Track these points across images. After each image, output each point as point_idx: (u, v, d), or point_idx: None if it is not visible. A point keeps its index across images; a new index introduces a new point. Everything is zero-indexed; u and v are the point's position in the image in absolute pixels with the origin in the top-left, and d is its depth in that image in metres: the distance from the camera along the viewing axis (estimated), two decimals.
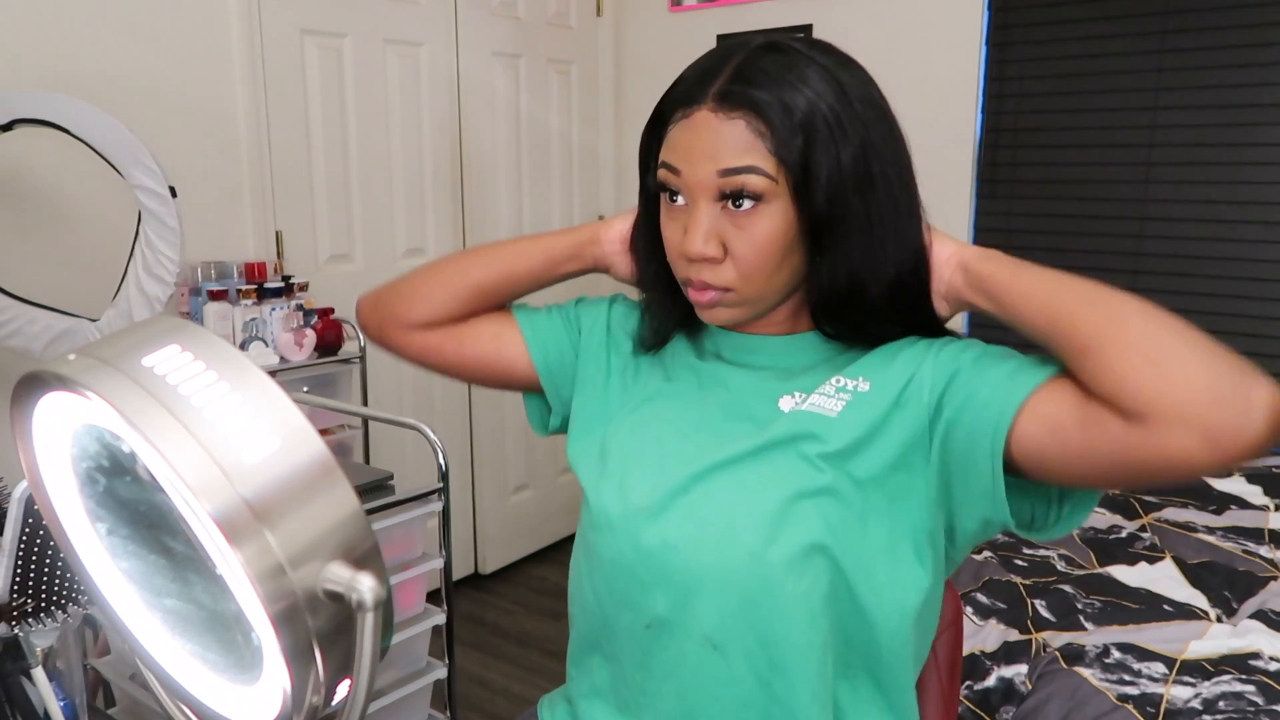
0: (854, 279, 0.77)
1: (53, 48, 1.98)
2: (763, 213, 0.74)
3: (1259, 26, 2.34)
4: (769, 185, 0.73)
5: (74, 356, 0.40)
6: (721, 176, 0.73)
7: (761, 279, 0.76)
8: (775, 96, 0.72)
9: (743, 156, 0.73)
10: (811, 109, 0.72)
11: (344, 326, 2.34)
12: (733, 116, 0.73)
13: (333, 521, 0.40)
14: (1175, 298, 2.54)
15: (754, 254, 0.75)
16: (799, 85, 0.73)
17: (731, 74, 0.74)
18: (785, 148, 0.72)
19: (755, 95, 0.72)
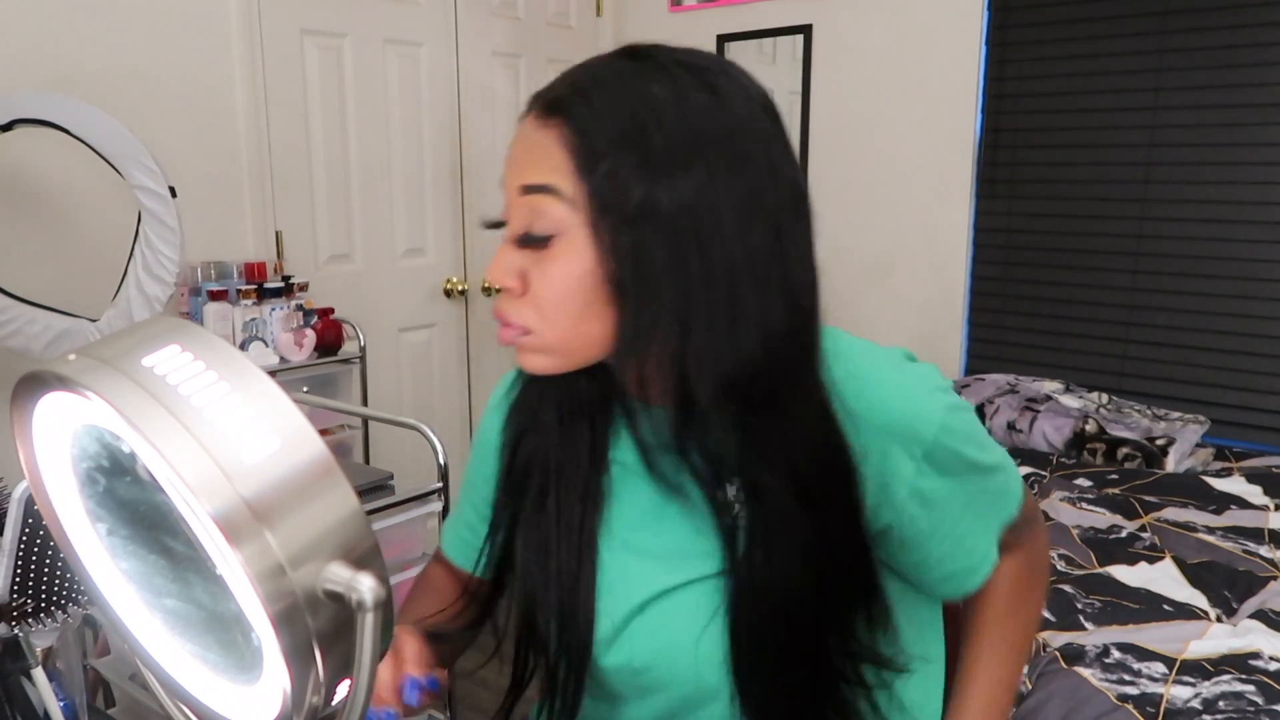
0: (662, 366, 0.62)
1: (53, 48, 1.98)
2: (562, 248, 0.61)
3: (1259, 26, 2.34)
4: (565, 213, 0.60)
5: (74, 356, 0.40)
6: (522, 194, 0.62)
7: (564, 325, 0.63)
8: (596, 106, 0.60)
9: (542, 172, 0.60)
10: (636, 124, 0.59)
11: (344, 326, 2.34)
12: (548, 125, 0.61)
13: (333, 521, 0.40)
14: (1175, 297, 2.54)
15: (550, 294, 0.62)
16: (632, 97, 0.60)
17: (568, 78, 0.63)
18: (592, 165, 0.59)
19: (573, 104, 0.60)
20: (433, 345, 2.89)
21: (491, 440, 0.82)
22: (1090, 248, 2.65)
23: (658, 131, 0.59)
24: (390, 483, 1.61)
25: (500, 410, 0.81)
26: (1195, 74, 2.44)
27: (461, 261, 2.93)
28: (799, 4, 2.95)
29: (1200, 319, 2.51)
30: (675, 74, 0.61)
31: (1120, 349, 2.64)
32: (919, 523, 0.68)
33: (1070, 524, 1.90)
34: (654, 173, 0.59)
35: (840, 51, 2.91)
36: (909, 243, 2.86)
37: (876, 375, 0.68)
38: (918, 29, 2.76)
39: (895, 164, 2.85)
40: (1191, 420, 2.36)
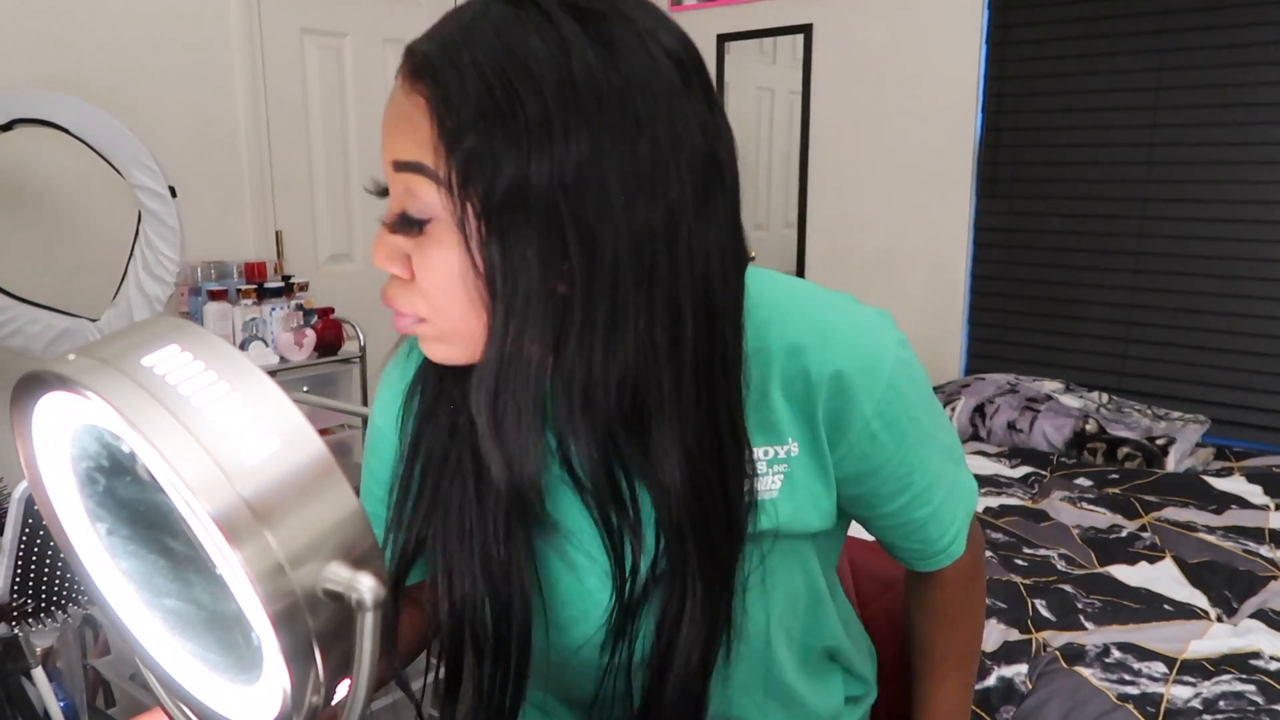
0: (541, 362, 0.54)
1: (53, 48, 1.98)
2: (436, 236, 0.53)
3: (1259, 26, 2.34)
4: (433, 195, 0.51)
5: (74, 356, 0.40)
6: (396, 172, 0.53)
7: (454, 316, 0.54)
8: (462, 70, 0.50)
9: (411, 147, 0.52)
10: (505, 90, 0.49)
11: (344, 326, 2.34)
12: (414, 89, 0.52)
13: (333, 521, 0.40)
14: (1175, 297, 2.54)
15: (433, 284, 0.54)
16: (504, 55, 0.49)
17: (439, 31, 0.53)
18: (454, 142, 0.50)
19: (439, 66, 0.50)
20: None
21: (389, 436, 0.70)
22: (1091, 247, 2.65)
23: (533, 97, 0.49)
24: None
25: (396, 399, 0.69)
26: (1195, 74, 2.44)
27: None
28: (799, 4, 2.95)
29: (1200, 319, 2.51)
30: (560, 23, 0.50)
31: (1121, 349, 2.64)
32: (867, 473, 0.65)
33: (1070, 524, 1.90)
34: (525, 148, 0.49)
35: (840, 51, 2.91)
36: (909, 242, 2.86)
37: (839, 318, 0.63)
38: (918, 29, 2.76)
39: (895, 163, 2.85)
40: (1192, 420, 2.36)
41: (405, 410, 0.67)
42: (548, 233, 0.50)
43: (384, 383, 0.73)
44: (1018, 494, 2.08)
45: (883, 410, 0.62)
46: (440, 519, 0.64)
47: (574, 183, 0.49)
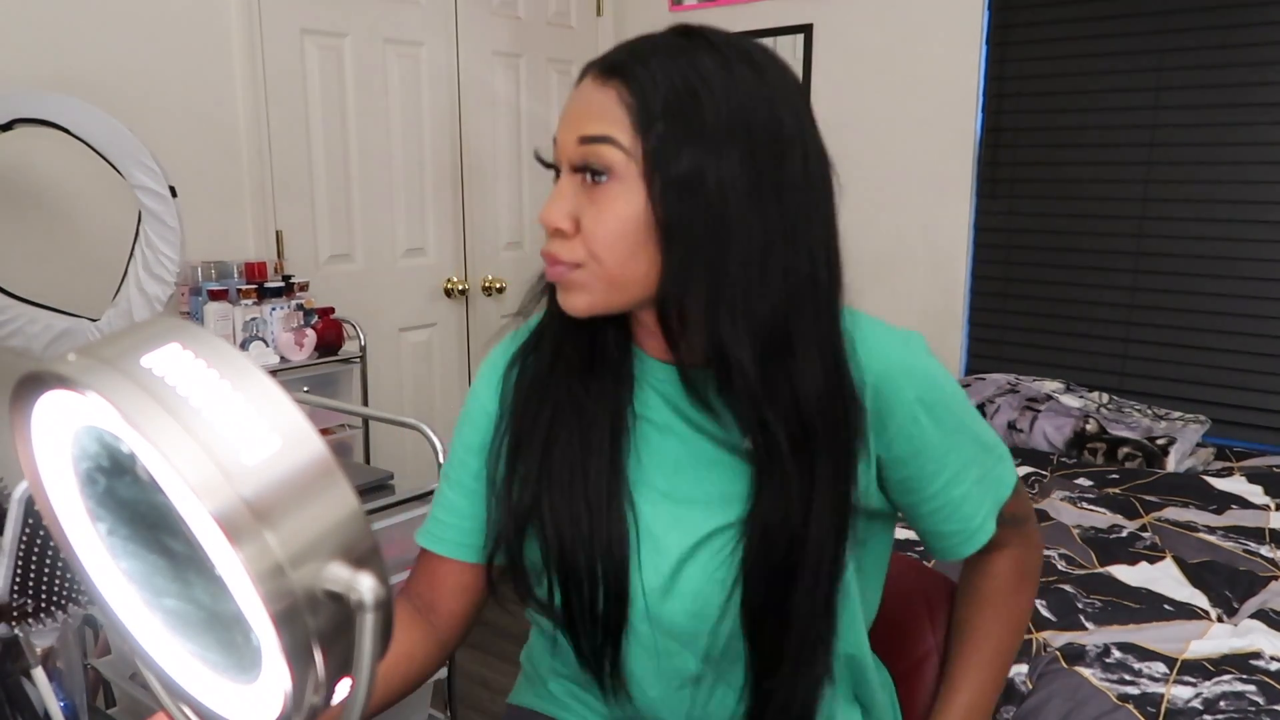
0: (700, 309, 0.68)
1: (53, 48, 1.98)
2: (616, 191, 0.67)
3: (1259, 26, 2.34)
4: (622, 160, 0.66)
5: (74, 356, 0.40)
6: (581, 144, 0.68)
7: (611, 261, 0.68)
8: (653, 71, 0.66)
9: (602, 125, 0.67)
10: (689, 92, 0.65)
11: (344, 326, 2.34)
12: (607, 85, 0.68)
13: (333, 521, 0.40)
14: (1175, 297, 2.54)
15: (601, 232, 0.68)
16: (686, 67, 0.66)
17: (626, 46, 0.70)
18: (648, 125, 0.66)
19: (632, 67, 0.67)
20: (433, 345, 2.89)
21: (487, 406, 0.83)
22: (1091, 247, 2.65)
23: (709, 100, 0.65)
24: (390, 482, 1.61)
25: (497, 371, 0.83)
26: (1195, 74, 2.44)
27: (462, 261, 2.93)
28: (799, 4, 2.95)
29: (1200, 319, 2.51)
30: (723, 50, 0.67)
31: (1121, 349, 2.64)
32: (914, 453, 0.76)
33: (1071, 524, 1.90)
34: (702, 145, 0.65)
35: (840, 51, 2.92)
36: (909, 243, 2.86)
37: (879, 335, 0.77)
38: (918, 28, 2.76)
39: (895, 163, 2.85)
40: (1192, 420, 2.36)
41: (505, 380, 0.81)
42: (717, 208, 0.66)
43: (488, 362, 0.86)
44: None
45: (923, 396, 0.75)
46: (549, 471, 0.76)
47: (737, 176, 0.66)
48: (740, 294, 0.67)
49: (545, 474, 0.77)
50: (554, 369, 0.78)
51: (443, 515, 0.85)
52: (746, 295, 0.67)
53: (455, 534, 0.84)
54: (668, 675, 0.80)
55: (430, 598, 0.86)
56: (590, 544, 0.75)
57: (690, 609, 0.76)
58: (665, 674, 0.80)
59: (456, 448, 0.85)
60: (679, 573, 0.76)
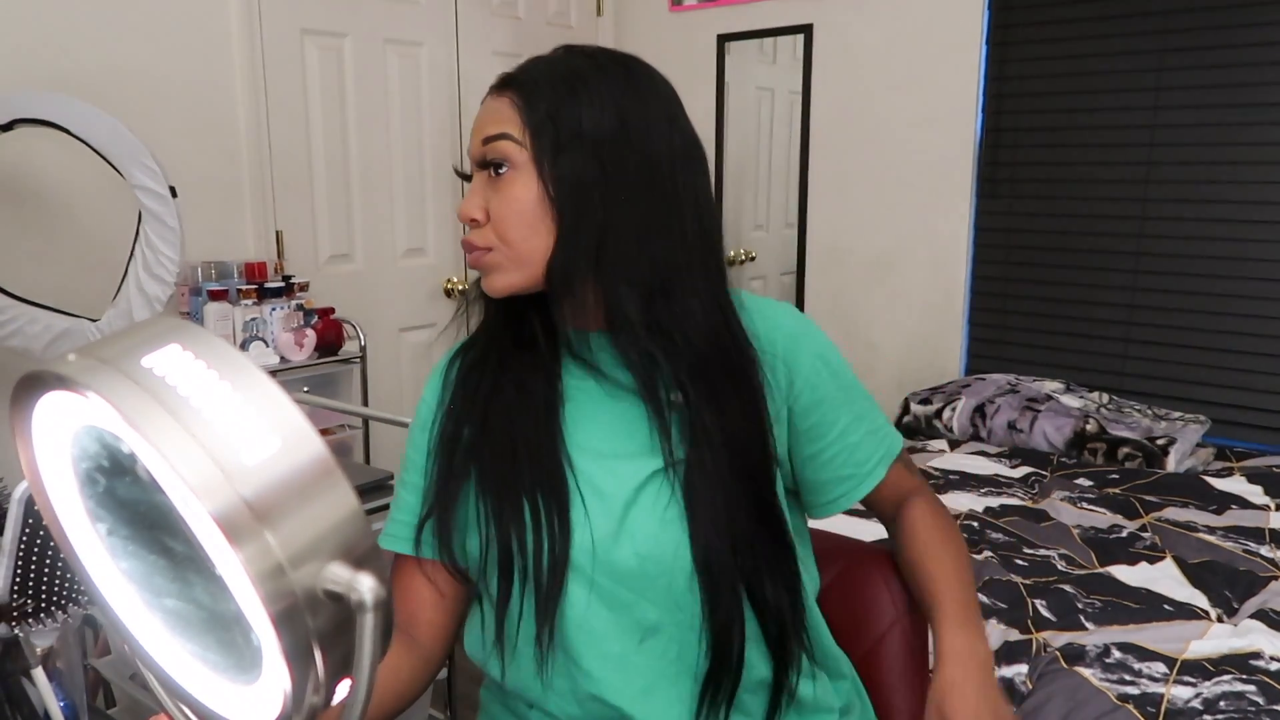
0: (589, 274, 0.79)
1: (53, 48, 1.98)
2: (513, 178, 0.78)
3: (1259, 26, 2.34)
4: (516, 150, 0.78)
5: (74, 356, 0.40)
6: (483, 144, 0.79)
7: (515, 239, 0.79)
8: (537, 77, 0.79)
9: (498, 125, 0.78)
10: (567, 89, 0.77)
11: (344, 326, 2.34)
12: (502, 94, 0.80)
13: (333, 521, 0.40)
14: (1175, 297, 2.54)
15: (504, 214, 0.79)
16: (565, 71, 0.79)
17: (522, 65, 0.81)
18: (534, 119, 0.77)
19: (519, 77, 0.79)
20: (433, 345, 2.89)
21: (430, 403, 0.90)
22: (1091, 247, 2.65)
23: (584, 94, 0.77)
24: (390, 483, 1.61)
25: (439, 373, 0.92)
26: (1195, 74, 2.44)
27: (462, 261, 2.93)
28: (799, 4, 2.95)
29: (1200, 319, 2.51)
30: (598, 58, 0.80)
31: (1121, 349, 2.64)
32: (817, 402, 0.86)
33: (1071, 524, 1.90)
34: (580, 133, 0.77)
35: (840, 51, 2.92)
36: (909, 243, 2.86)
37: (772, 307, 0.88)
38: (918, 29, 2.76)
39: (895, 164, 2.85)
40: (1192, 420, 2.36)
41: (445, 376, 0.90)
42: (597, 158, 0.77)
43: (434, 370, 0.93)
44: (1018, 494, 2.08)
45: (822, 354, 0.87)
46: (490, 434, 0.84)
47: (613, 126, 0.77)
48: (622, 257, 0.78)
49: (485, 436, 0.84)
50: (487, 353, 0.88)
51: (400, 516, 0.90)
52: (627, 257, 0.78)
53: (412, 531, 0.88)
54: (627, 629, 0.81)
55: (408, 612, 0.89)
56: (532, 491, 0.81)
57: (642, 551, 0.80)
58: (625, 628, 0.81)
59: (409, 452, 0.91)
60: (626, 516, 0.80)
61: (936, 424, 2.53)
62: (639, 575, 0.80)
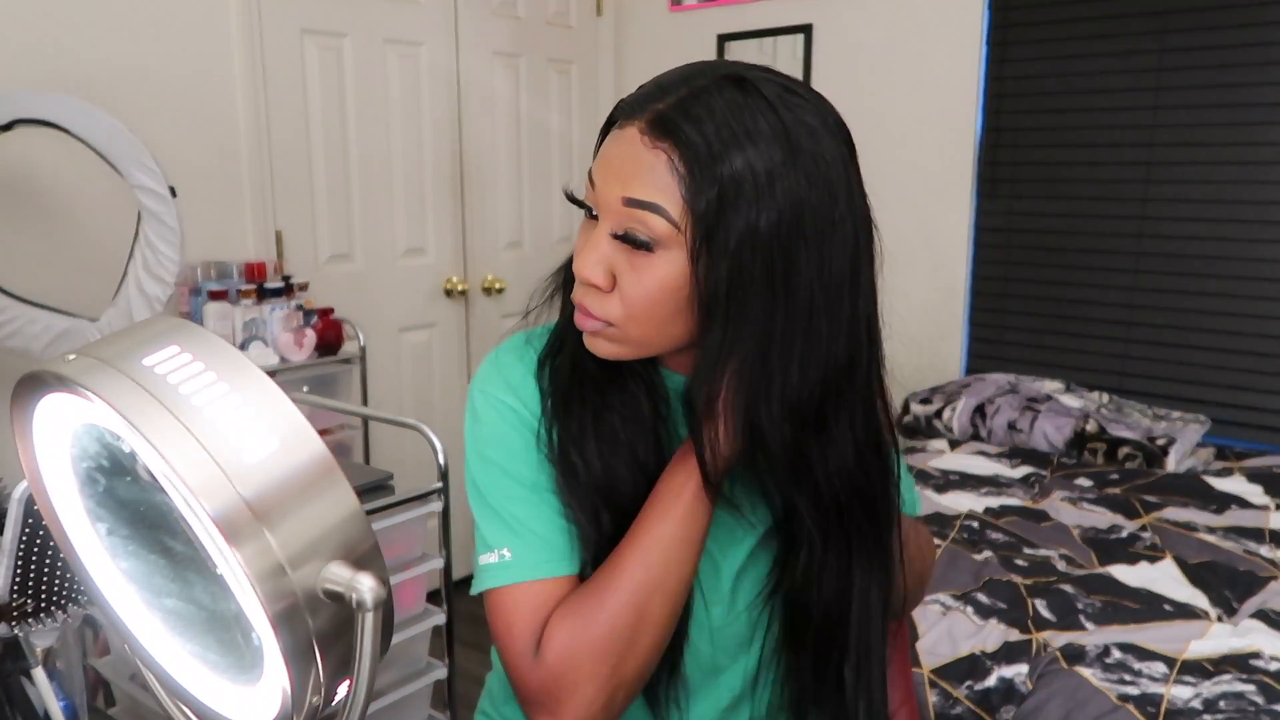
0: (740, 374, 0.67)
1: (53, 48, 1.98)
2: (659, 258, 0.65)
3: (1259, 26, 2.34)
4: (669, 231, 0.64)
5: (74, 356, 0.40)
6: (626, 205, 0.65)
7: (648, 326, 0.68)
8: (707, 139, 0.63)
9: (650, 190, 0.64)
10: (743, 170, 0.62)
11: (344, 326, 2.34)
12: (657, 146, 0.64)
13: (333, 521, 0.40)
14: (1175, 297, 2.54)
15: (640, 298, 0.66)
16: (743, 139, 0.63)
17: (677, 100, 0.65)
18: (697, 198, 0.63)
19: (686, 132, 0.63)
20: (433, 345, 2.89)
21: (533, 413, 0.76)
22: (1091, 247, 2.65)
23: (762, 169, 0.62)
24: (390, 483, 1.61)
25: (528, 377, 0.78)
26: (1195, 74, 2.44)
27: (461, 261, 2.93)
28: (799, 4, 2.95)
29: (1200, 319, 2.51)
30: (779, 110, 0.64)
31: (1121, 348, 2.64)
32: None
33: (1071, 524, 1.90)
34: (755, 204, 0.63)
35: (840, 51, 2.92)
36: (909, 242, 2.86)
37: None
38: (918, 28, 2.76)
39: (895, 163, 2.85)
40: (1192, 420, 2.36)
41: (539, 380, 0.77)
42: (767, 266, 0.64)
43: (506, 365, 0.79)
44: (1018, 494, 2.08)
45: None
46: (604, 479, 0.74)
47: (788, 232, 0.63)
48: (779, 379, 0.66)
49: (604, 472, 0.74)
50: (579, 381, 0.75)
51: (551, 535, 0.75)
52: (784, 380, 0.66)
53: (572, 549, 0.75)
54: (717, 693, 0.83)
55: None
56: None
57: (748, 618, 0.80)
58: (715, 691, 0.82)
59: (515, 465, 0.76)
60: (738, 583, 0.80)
61: (936, 424, 2.53)
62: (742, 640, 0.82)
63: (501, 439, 0.76)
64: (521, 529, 0.75)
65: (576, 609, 0.71)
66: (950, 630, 1.50)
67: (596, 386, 0.75)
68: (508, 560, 0.74)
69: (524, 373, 0.78)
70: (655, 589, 0.70)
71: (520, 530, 0.75)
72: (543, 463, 0.76)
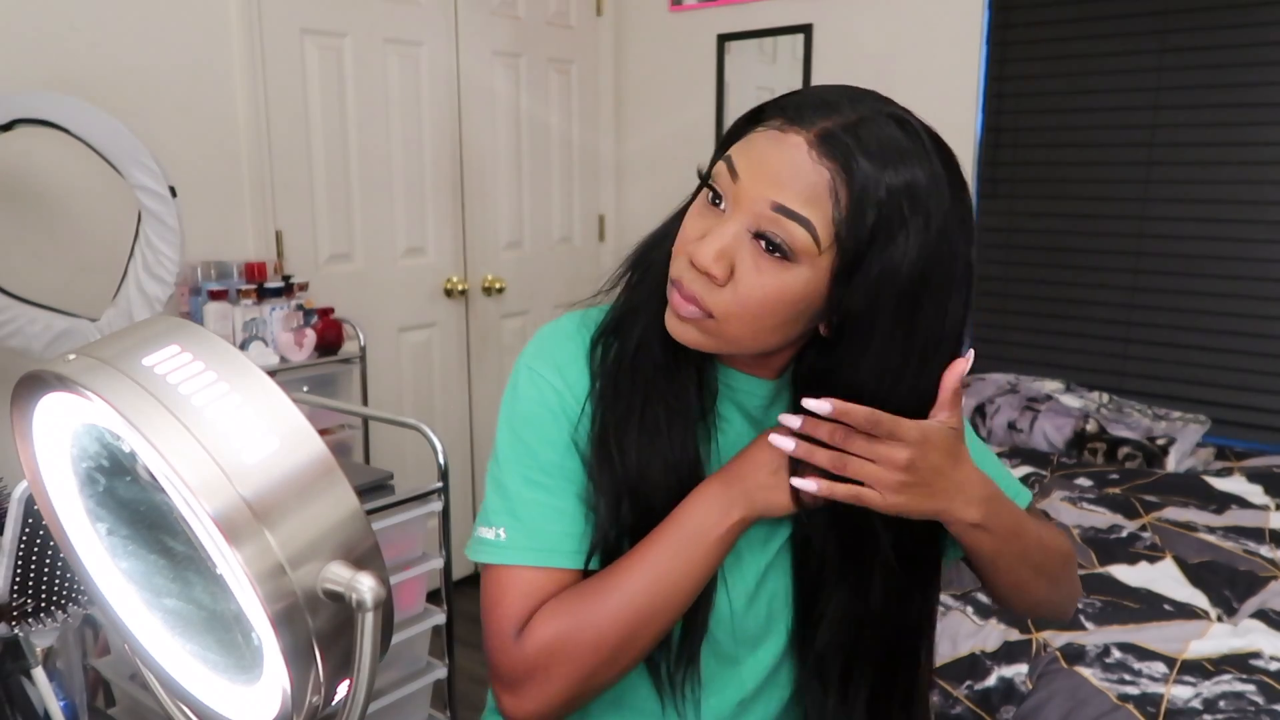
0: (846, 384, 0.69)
1: (53, 48, 1.98)
2: (789, 269, 0.66)
3: (1259, 26, 2.34)
4: (809, 247, 0.65)
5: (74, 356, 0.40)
6: (773, 209, 0.65)
7: (751, 328, 0.68)
8: (874, 169, 0.64)
9: (804, 204, 0.64)
10: (896, 213, 0.65)
11: (344, 326, 2.34)
12: (823, 162, 0.64)
13: (333, 521, 0.40)
14: (1175, 297, 2.54)
15: (756, 299, 0.67)
16: (906, 184, 0.65)
17: (850, 123, 0.66)
18: (849, 226, 0.64)
19: (857, 159, 0.64)
20: (433, 345, 2.89)
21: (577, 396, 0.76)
22: (1091, 247, 2.65)
23: (916, 213, 0.65)
24: (390, 483, 1.61)
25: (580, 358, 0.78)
26: (1195, 74, 2.44)
27: (462, 261, 2.93)
28: (799, 4, 2.95)
29: (1200, 319, 2.51)
30: (933, 159, 0.67)
31: (1121, 348, 2.64)
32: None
33: (1071, 524, 1.90)
34: (904, 245, 0.65)
35: (840, 51, 2.92)
36: None
37: None
38: (918, 28, 2.76)
39: None
40: (1192, 420, 2.36)
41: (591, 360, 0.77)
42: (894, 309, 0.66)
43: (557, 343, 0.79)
44: None
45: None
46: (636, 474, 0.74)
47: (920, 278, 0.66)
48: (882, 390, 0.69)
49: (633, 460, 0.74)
50: (637, 360, 0.75)
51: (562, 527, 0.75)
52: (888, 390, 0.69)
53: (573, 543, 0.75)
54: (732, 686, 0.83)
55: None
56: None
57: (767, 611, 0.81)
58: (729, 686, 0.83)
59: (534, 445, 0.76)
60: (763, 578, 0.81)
61: None
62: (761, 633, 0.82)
63: (534, 418, 0.76)
64: (524, 513, 0.75)
65: (571, 610, 0.72)
66: (950, 630, 1.50)
67: (649, 374, 0.75)
68: (501, 541, 0.75)
69: (574, 353, 0.78)
70: (653, 617, 0.71)
71: (522, 514, 0.75)
72: (570, 450, 0.76)
